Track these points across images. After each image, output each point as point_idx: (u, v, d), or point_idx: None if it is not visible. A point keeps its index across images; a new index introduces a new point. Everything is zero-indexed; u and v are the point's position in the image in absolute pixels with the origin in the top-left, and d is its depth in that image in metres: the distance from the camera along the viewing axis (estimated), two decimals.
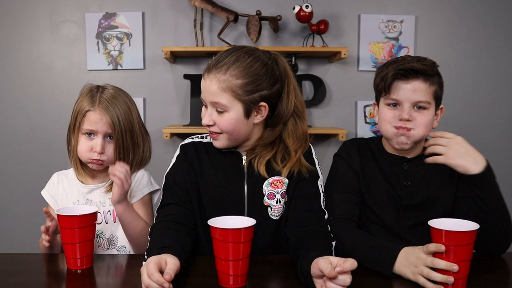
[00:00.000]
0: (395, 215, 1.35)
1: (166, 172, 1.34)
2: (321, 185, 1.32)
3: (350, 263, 0.93)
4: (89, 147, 1.36)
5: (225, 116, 1.23)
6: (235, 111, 1.23)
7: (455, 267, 0.99)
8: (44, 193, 1.46)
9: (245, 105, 1.23)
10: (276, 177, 1.29)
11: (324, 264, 0.95)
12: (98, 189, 1.42)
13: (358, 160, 1.41)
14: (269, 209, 1.28)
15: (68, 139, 1.42)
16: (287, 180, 1.29)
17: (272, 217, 1.28)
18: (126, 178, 1.27)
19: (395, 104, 1.33)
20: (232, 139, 1.27)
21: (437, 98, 1.35)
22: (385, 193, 1.37)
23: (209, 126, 1.26)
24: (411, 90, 1.30)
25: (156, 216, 1.28)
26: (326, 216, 1.28)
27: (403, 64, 1.31)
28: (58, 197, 1.43)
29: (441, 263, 1.01)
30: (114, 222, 1.38)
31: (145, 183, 1.43)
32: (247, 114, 1.24)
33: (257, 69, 1.23)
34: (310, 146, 1.36)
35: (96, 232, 1.35)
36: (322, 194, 1.31)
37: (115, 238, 1.39)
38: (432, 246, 1.02)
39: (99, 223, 1.37)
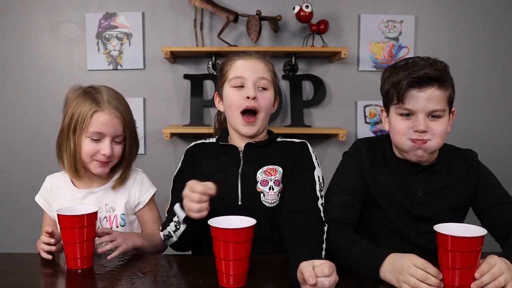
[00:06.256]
0: (407, 222, 1.30)
1: (173, 176, 1.40)
2: (318, 175, 1.32)
3: (328, 268, 0.90)
4: (95, 150, 1.31)
5: (266, 93, 1.37)
6: (271, 92, 1.38)
7: (441, 286, 0.96)
8: (38, 198, 1.43)
9: (274, 91, 1.40)
10: (270, 166, 1.33)
11: (305, 267, 0.93)
12: (93, 194, 1.39)
13: (368, 163, 1.34)
14: (261, 195, 1.29)
15: (59, 144, 1.35)
16: (281, 170, 1.32)
17: (265, 203, 1.29)
18: (121, 241, 1.23)
19: (408, 114, 1.25)
20: (263, 123, 1.37)
21: (451, 103, 1.27)
22: (397, 200, 1.31)
23: (254, 99, 1.33)
24: (426, 99, 1.21)
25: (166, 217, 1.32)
26: (320, 202, 1.26)
27: (416, 71, 1.20)
28: (53, 202, 1.40)
29: (431, 280, 0.96)
30: (111, 228, 1.36)
31: (147, 185, 1.44)
32: (273, 100, 1.40)
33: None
34: (305, 142, 1.39)
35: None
36: (318, 183, 1.30)
37: None
38: (419, 265, 0.98)
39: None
